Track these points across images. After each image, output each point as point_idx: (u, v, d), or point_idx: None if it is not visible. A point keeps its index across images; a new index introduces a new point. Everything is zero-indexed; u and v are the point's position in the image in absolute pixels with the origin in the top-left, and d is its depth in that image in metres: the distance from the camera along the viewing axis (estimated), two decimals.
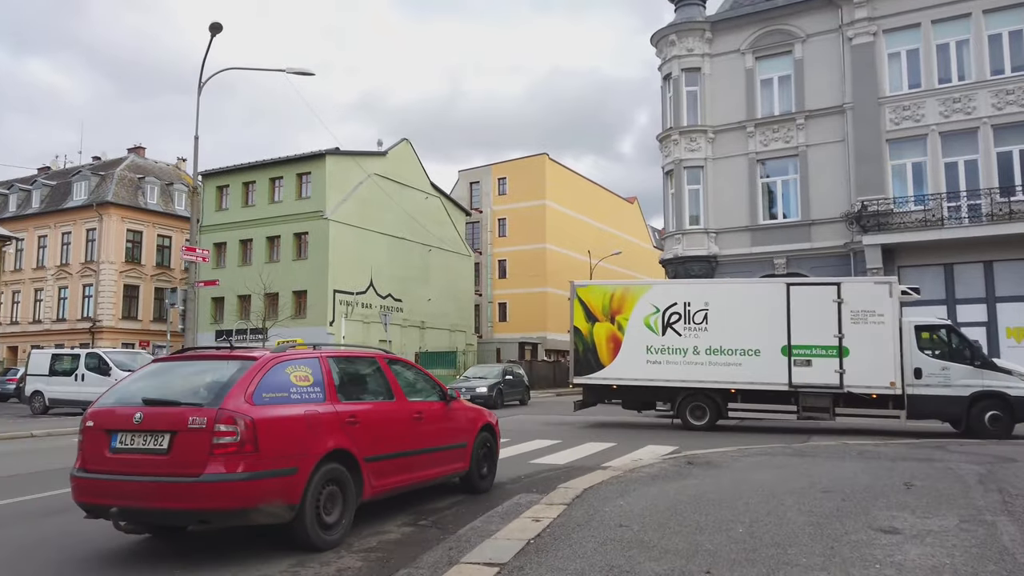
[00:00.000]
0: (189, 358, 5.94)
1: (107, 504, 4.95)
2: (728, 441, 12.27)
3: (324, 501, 5.27)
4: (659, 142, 29.38)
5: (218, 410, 4.88)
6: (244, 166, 39.84)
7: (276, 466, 4.97)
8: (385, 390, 6.49)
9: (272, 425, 5.05)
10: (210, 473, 4.76)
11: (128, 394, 5.41)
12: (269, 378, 5.29)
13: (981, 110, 23.67)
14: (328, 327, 36.23)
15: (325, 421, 5.47)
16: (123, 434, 5.08)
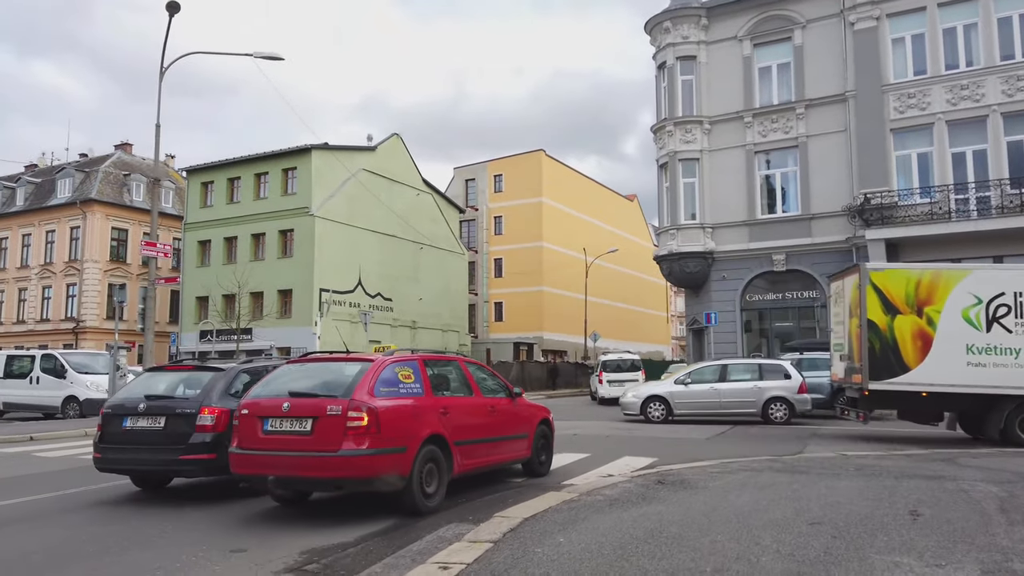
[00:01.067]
0: (319, 360, 7.46)
1: (264, 474, 6.37)
2: (713, 451, 11.14)
3: (425, 475, 6.52)
4: (653, 134, 28.24)
5: (350, 400, 6.17)
6: (229, 161, 38.79)
7: (392, 445, 6.23)
8: (466, 387, 7.73)
9: (389, 412, 6.32)
10: (345, 449, 6.04)
11: (272, 389, 6.69)
12: (384, 376, 6.56)
13: (990, 97, 22.47)
14: (314, 327, 35.14)
15: (425, 411, 6.75)
16: (273, 419, 6.36)
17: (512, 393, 8.42)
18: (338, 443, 6.06)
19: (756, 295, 26.00)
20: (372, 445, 6.08)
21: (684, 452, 10.79)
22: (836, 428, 15.27)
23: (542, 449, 8.76)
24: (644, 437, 13.47)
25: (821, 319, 23.53)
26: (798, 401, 16.31)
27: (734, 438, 13.43)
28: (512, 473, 8.73)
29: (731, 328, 25.90)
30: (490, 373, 8.63)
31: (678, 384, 17.33)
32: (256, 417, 6.46)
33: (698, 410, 16.87)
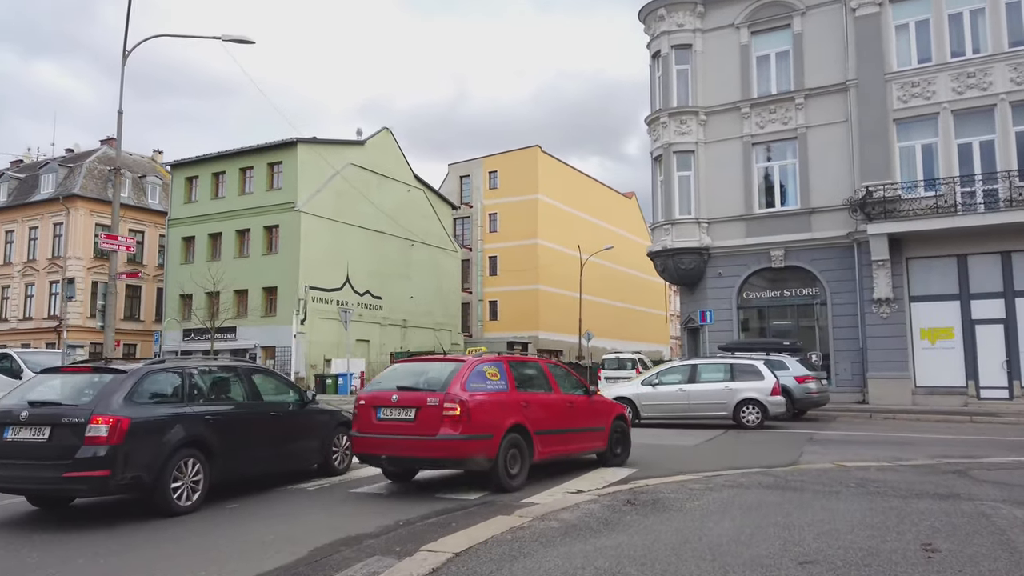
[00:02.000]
0: (422, 360, 8.96)
1: (378, 454, 7.50)
2: (700, 460, 10.14)
3: (509, 459, 7.49)
4: (647, 125, 27.24)
5: (446, 393, 7.20)
6: (213, 156, 37.83)
7: (480, 432, 7.21)
8: (546, 384, 8.68)
9: (477, 404, 7.30)
10: (442, 434, 7.08)
11: (384, 384, 8.00)
12: (474, 374, 7.57)
13: (998, 86, 21.45)
14: (300, 325, 34.19)
15: (509, 404, 7.72)
16: (384, 408, 7.48)
17: (588, 391, 9.40)
18: (436, 429, 7.18)
19: (754, 292, 25.00)
20: (463, 431, 7.16)
21: (668, 461, 9.81)
22: (835, 433, 14.28)
23: (617, 442, 9.58)
24: (641, 445, 12.46)
25: (821, 317, 22.55)
26: (771, 403, 15.24)
27: (725, 444, 12.44)
28: (478, 486, 7.83)
29: (727, 327, 24.89)
30: (568, 373, 9.54)
31: (645, 385, 16.30)
32: (371, 407, 7.68)
33: (666, 413, 15.81)
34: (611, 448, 9.42)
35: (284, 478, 8.26)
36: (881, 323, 22.03)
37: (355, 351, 36.86)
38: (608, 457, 9.43)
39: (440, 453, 7.23)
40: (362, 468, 9.28)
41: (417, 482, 8.32)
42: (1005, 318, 20.84)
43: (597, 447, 9.27)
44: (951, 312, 21.49)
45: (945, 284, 21.70)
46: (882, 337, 21.97)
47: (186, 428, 6.57)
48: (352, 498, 7.39)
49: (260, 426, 7.51)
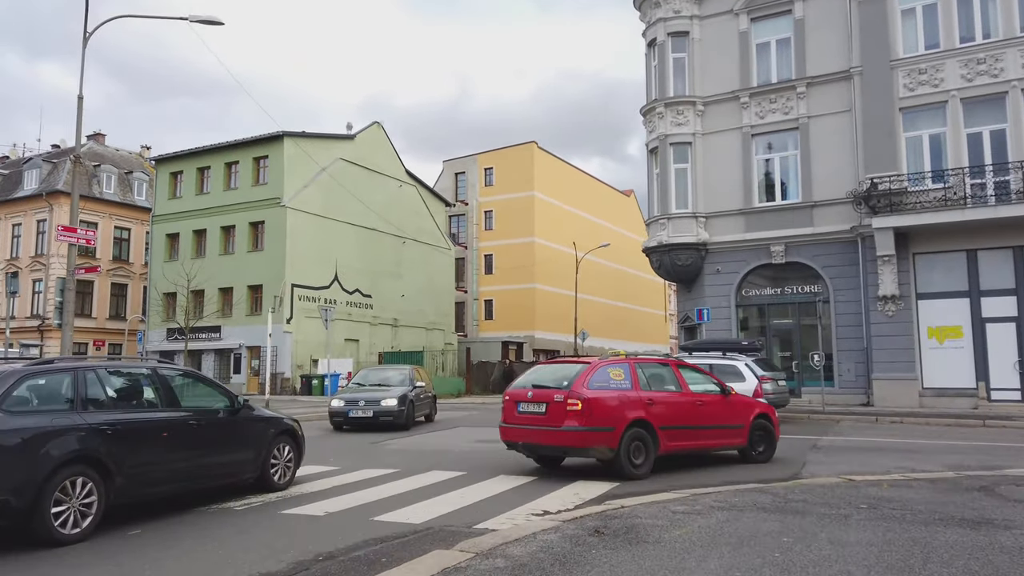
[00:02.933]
0: (557, 362, 9.98)
1: (517, 441, 8.89)
2: (691, 471, 9.12)
3: (632, 450, 8.43)
4: (643, 116, 26.19)
5: (569, 391, 8.42)
6: (198, 150, 36.80)
7: (601, 424, 8.28)
8: (675, 384, 9.30)
9: (598, 401, 8.36)
10: (566, 425, 8.31)
11: (525, 381, 9.32)
12: (597, 374, 8.61)
13: (1010, 72, 20.41)
14: (285, 324, 33.18)
15: (631, 401, 8.58)
16: (523, 403, 8.88)
17: (725, 390, 9.85)
18: (561, 421, 8.27)
19: (753, 290, 23.96)
20: (584, 423, 8.18)
21: (653, 474, 8.77)
22: (840, 439, 13.23)
23: (760, 440, 9.95)
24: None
25: (823, 315, 21.49)
26: None
27: (718, 453, 11.38)
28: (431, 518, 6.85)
29: (725, 326, 23.85)
30: (703, 374, 10.18)
31: None
32: (514, 401, 8.95)
33: None
34: (752, 445, 9.83)
35: (211, 495, 7.23)
36: (886, 321, 20.99)
37: (344, 351, 35.85)
38: (749, 453, 9.83)
39: (565, 442, 8.39)
40: (308, 483, 8.26)
41: (367, 505, 7.28)
42: (1018, 316, 19.79)
43: (735, 443, 9.77)
44: (960, 310, 20.45)
45: (954, 280, 20.66)
46: (887, 336, 20.93)
47: (73, 441, 5.55)
48: (280, 521, 6.36)
49: (176, 437, 6.47)
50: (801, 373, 22.54)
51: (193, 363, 36.51)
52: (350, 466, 9.62)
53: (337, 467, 9.53)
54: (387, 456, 10.96)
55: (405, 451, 11.71)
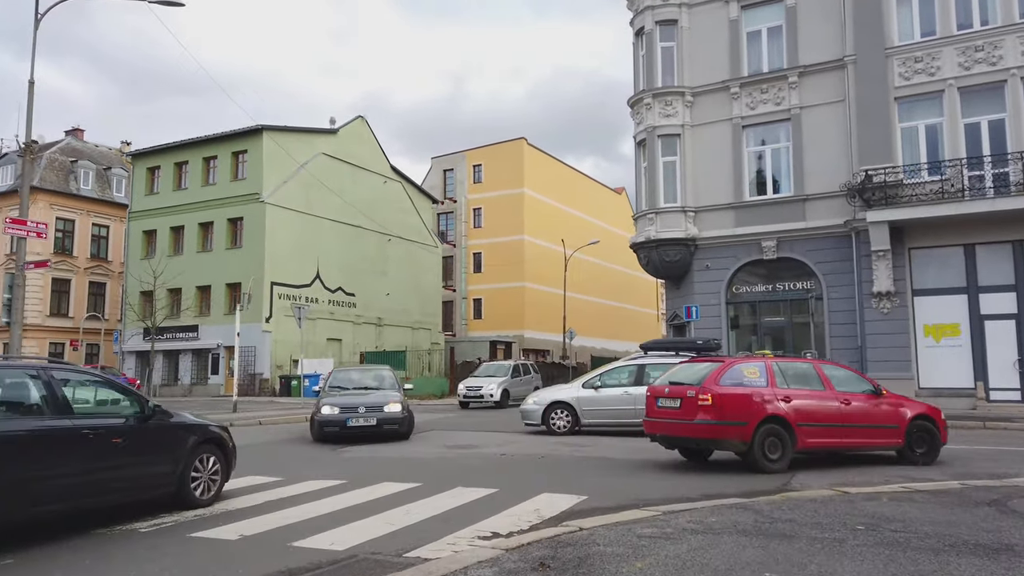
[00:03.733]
0: (696, 361, 10.59)
1: (656, 433, 9.66)
2: (666, 484, 8.28)
3: (767, 445, 8.89)
4: (630, 108, 25.35)
5: (700, 387, 9.00)
6: (176, 144, 35.81)
7: (732, 419, 8.84)
8: (817, 383, 9.61)
9: (728, 397, 8.93)
10: (698, 419, 8.89)
11: (664, 378, 10.11)
12: (730, 372, 9.19)
13: (1009, 59, 19.65)
14: (264, 323, 32.24)
15: (765, 397, 9.05)
16: (661, 398, 9.59)
17: (877, 390, 9.99)
18: (694, 415, 8.84)
19: (744, 286, 23.15)
20: (716, 418, 8.73)
21: (626, 486, 7.94)
22: None
23: (920, 441, 9.86)
24: (593, 459, 10.61)
25: (816, 313, 20.68)
26: None
27: (704, 460, 10.55)
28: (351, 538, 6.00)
29: (715, 324, 23.04)
30: (851, 373, 10.40)
31: (587, 388, 14.43)
32: (654, 397, 9.63)
33: (609, 419, 14.03)
34: (910, 446, 9.79)
35: (120, 514, 6.35)
36: (881, 319, 20.20)
37: (326, 350, 34.92)
38: (907, 454, 9.81)
39: (697, 434, 9.00)
40: (238, 497, 7.38)
41: (292, 527, 6.40)
42: (1017, 313, 19.03)
43: (890, 443, 9.81)
44: (958, 307, 19.68)
45: (951, 276, 19.89)
46: (882, 334, 20.15)
47: None
48: (183, 547, 5.47)
49: (65, 449, 5.58)
50: None
51: (170, 363, 35.54)
52: (295, 476, 8.74)
53: (280, 478, 8.65)
54: (341, 465, 10.07)
55: (364, 459, 10.83)
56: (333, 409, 12.91)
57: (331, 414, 12.89)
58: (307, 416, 14.57)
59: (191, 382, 34.07)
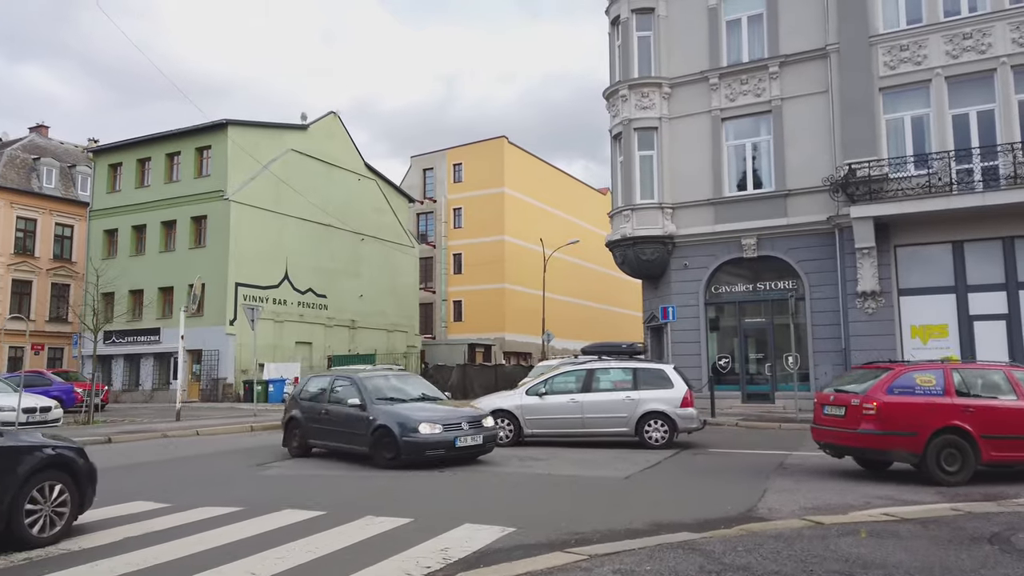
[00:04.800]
0: (865, 368, 9.90)
1: (822, 441, 9.36)
2: (609, 509, 7.19)
3: (944, 457, 8.40)
4: (606, 100, 24.31)
5: (864, 396, 8.72)
6: (138, 140, 34.43)
7: (900, 429, 8.46)
8: (1009, 392, 8.82)
9: (895, 406, 8.54)
10: (862, 428, 8.61)
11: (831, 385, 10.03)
12: (900, 380, 8.74)
13: (998, 47, 18.74)
14: (228, 326, 30.92)
15: (941, 407, 8.54)
16: (826, 406, 9.31)
17: None
18: (857, 424, 8.71)
19: (723, 286, 22.13)
20: (881, 428, 8.55)
21: (564, 513, 6.82)
22: (812, 455, 11.32)
23: None
24: (533, 476, 9.48)
25: (797, 313, 19.65)
26: (681, 417, 12.40)
27: (661, 477, 9.46)
28: None
29: (693, 325, 22.02)
30: None
31: (531, 395, 13.20)
32: (820, 404, 9.55)
33: (555, 428, 12.87)
34: None
35: None
36: (866, 320, 19.22)
37: (295, 354, 33.65)
38: None
39: (862, 444, 8.69)
40: (98, 532, 6.19)
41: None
42: (1008, 313, 18.08)
43: None
44: (946, 307, 18.72)
45: (939, 275, 18.94)
46: (867, 336, 19.16)
47: None
48: None
49: None
50: (775, 377, 20.77)
51: (131, 368, 34.15)
52: (189, 502, 7.56)
53: (169, 504, 7.47)
54: (250, 487, 8.85)
55: (280, 479, 9.63)
56: (435, 427, 10.11)
57: (433, 433, 10.05)
58: (253, 424, 13.30)
59: (152, 387, 32.70)
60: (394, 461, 10.07)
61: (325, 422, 11.36)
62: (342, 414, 11.04)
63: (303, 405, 12.02)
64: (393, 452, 10.13)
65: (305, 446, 11.77)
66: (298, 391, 12.68)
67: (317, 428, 11.49)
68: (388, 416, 10.42)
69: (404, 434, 10.06)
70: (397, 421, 10.25)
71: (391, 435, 10.14)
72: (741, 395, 21.38)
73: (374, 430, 10.37)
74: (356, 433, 10.70)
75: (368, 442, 10.46)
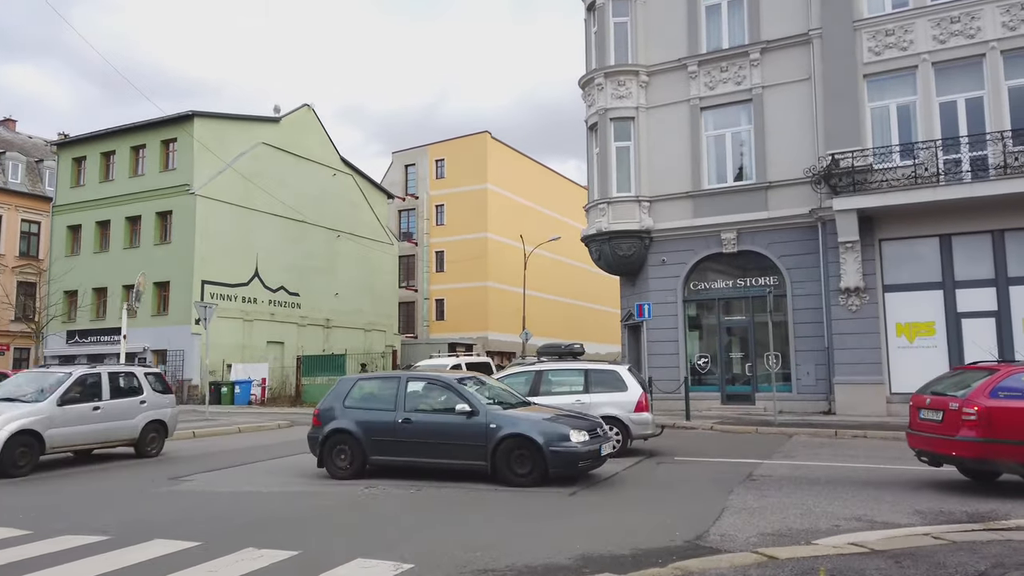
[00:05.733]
0: (965, 369, 9.15)
1: (918, 448, 8.57)
2: (542, 529, 6.23)
3: None
4: (581, 89, 23.35)
5: (965, 399, 7.91)
6: (103, 133, 33.25)
7: (1006, 437, 7.61)
8: None
9: (1002, 411, 7.68)
10: (961, 435, 7.83)
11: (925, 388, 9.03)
12: (1006, 382, 7.87)
13: (987, 32, 17.88)
14: (193, 325, 29.78)
15: None
16: (922, 410, 8.60)
17: None
18: (956, 430, 7.90)
19: (702, 282, 21.21)
20: (983, 435, 7.67)
21: (473, 543, 5.83)
22: (784, 463, 10.39)
23: None
24: (450, 496, 8.52)
25: (775, 310, 18.70)
26: (635, 423, 11.41)
27: (613, 491, 8.52)
28: None
29: (671, 323, 21.10)
30: None
31: None
32: (916, 407, 8.78)
33: None
34: None
35: None
36: (850, 317, 18.34)
37: (266, 354, 32.57)
38: None
39: (960, 452, 7.88)
40: None
41: None
42: (997, 310, 17.22)
43: None
44: (932, 304, 17.86)
45: (925, 270, 18.07)
46: (851, 334, 18.28)
47: None
48: None
49: None
50: (756, 377, 19.88)
51: None
52: (54, 528, 6.54)
53: (29, 531, 6.44)
54: (142, 509, 7.81)
55: (170, 497, 8.61)
56: (582, 435, 8.73)
57: (583, 442, 8.65)
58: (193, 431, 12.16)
59: None
60: (529, 477, 8.54)
61: (405, 434, 9.25)
62: (437, 423, 9.19)
63: (356, 415, 9.64)
64: (529, 466, 8.57)
65: (362, 464, 9.50)
66: (338, 399, 10.00)
67: (390, 442, 9.34)
68: (517, 423, 8.81)
69: (552, 444, 8.52)
70: (539, 430, 8.66)
71: (530, 446, 8.59)
72: (721, 396, 20.46)
73: (500, 441, 8.73)
74: (464, 445, 8.94)
75: (485, 455, 8.78)
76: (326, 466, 9.65)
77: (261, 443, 14.37)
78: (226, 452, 12.92)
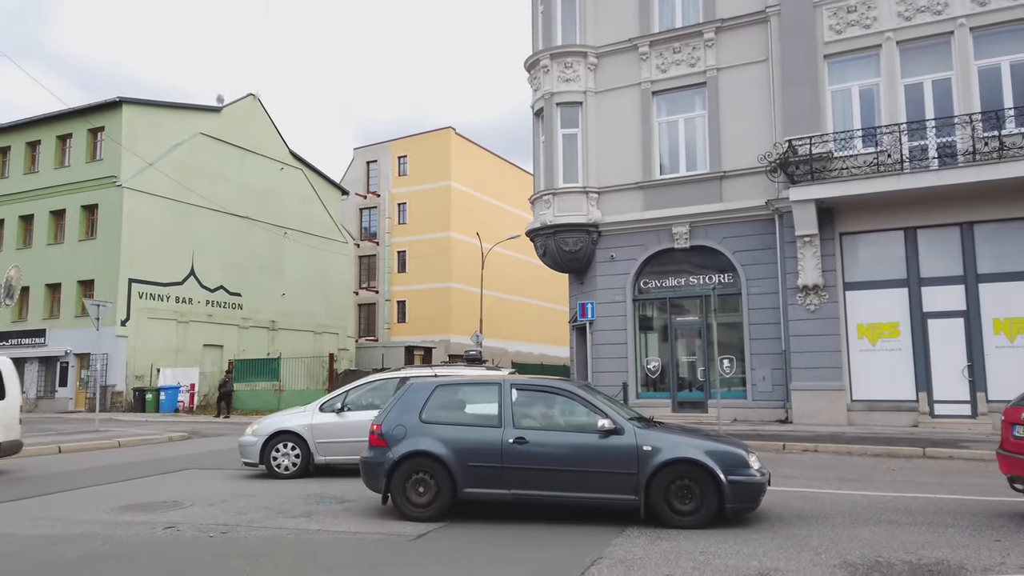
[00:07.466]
0: None
1: (1016, 475, 6.76)
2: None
3: None
4: (527, 72, 21.74)
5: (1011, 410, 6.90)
6: (28, 121, 31.12)
7: None
8: None
9: None
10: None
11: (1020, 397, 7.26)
12: None
13: (955, 8, 16.46)
14: (119, 327, 27.77)
15: None
16: (1018, 426, 6.78)
17: None
18: None
19: (653, 280, 19.62)
20: None
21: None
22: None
23: None
24: (300, 533, 6.78)
25: (718, 309, 17.00)
26: None
27: (475, 531, 6.83)
28: None
29: (620, 324, 19.49)
30: None
31: (326, 411, 10.29)
32: (1009, 423, 6.95)
33: (355, 455, 8.55)
34: None
35: None
36: (808, 318, 16.82)
37: (203, 358, 30.57)
38: None
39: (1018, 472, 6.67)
40: None
41: None
42: (966, 310, 15.76)
43: None
44: (896, 303, 16.38)
45: (889, 266, 16.60)
46: (809, 336, 16.76)
47: None
48: None
49: None
50: (709, 382, 18.30)
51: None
52: None
53: None
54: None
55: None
56: (756, 459, 6.94)
57: (762, 470, 6.85)
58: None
59: (37, 395, 29.37)
60: (696, 516, 6.58)
61: (516, 458, 6.95)
62: (566, 446, 6.98)
63: (441, 432, 7.25)
64: (696, 502, 6.62)
65: (450, 500, 7.08)
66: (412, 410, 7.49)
67: (494, 469, 7.00)
68: (677, 446, 6.79)
69: (731, 473, 6.62)
70: (710, 454, 6.72)
71: (700, 475, 6.64)
72: (672, 403, 18.86)
73: (658, 468, 6.68)
74: (604, 473, 6.80)
75: (635, 487, 6.71)
76: (395, 502, 7.14)
77: (137, 459, 12.52)
78: (80, 472, 11.06)
